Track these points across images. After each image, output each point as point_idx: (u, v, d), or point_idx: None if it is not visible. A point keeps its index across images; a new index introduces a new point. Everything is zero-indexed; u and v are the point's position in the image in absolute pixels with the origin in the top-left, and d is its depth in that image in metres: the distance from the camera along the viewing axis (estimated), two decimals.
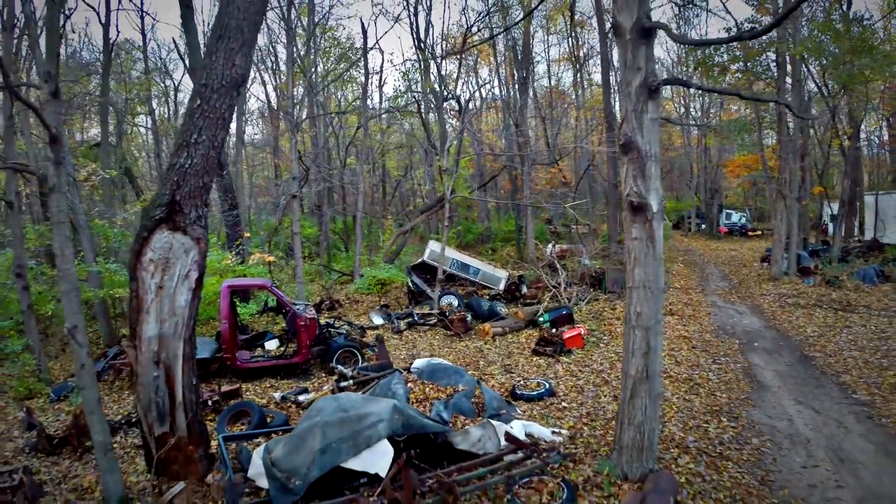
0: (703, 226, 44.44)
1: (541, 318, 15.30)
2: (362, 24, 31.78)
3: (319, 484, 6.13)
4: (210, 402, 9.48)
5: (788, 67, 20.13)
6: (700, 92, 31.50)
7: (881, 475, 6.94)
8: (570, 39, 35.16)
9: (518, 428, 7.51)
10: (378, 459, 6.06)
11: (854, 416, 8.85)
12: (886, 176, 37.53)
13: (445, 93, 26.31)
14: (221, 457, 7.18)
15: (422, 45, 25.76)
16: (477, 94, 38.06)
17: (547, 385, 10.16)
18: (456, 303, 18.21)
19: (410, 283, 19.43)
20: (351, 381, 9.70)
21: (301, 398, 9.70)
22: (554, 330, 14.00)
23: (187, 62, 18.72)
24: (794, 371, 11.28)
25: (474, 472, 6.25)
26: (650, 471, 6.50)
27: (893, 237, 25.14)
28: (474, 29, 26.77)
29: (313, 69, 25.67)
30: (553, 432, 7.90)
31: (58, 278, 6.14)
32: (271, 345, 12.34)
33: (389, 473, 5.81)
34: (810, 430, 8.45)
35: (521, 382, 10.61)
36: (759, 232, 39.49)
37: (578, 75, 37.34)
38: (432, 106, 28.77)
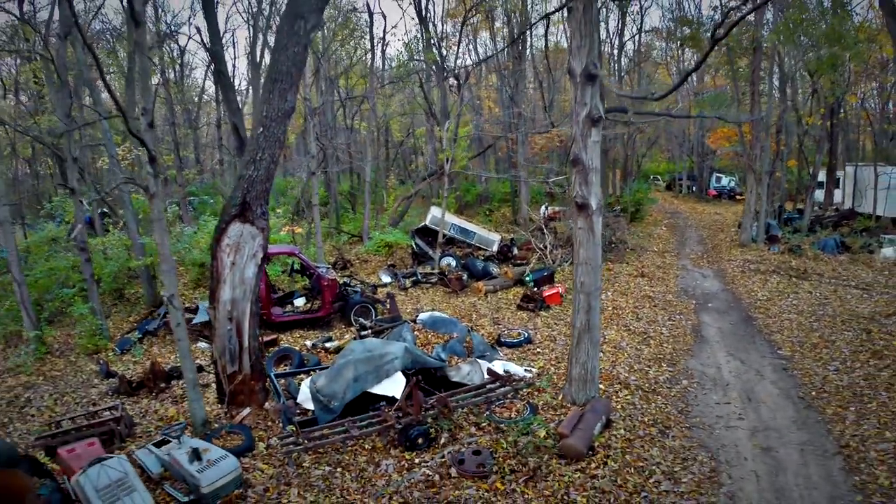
0: (694, 188, 45.43)
1: (526, 278, 17.06)
2: (369, 7, 32.68)
3: (351, 405, 8.39)
4: None
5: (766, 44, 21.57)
6: (692, 61, 32.70)
7: (776, 412, 8.71)
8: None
9: (498, 366, 9.83)
10: (394, 386, 8.37)
11: (772, 367, 10.57)
12: (873, 148, 38.67)
13: (445, 71, 27.66)
14: (274, 389, 9.49)
15: (425, 15, 27.13)
16: (476, 69, 39.06)
17: (526, 334, 12.32)
18: (454, 263, 19.81)
19: (414, 245, 20.98)
20: (369, 331, 11.94)
21: (328, 345, 12.00)
22: (536, 288, 15.81)
23: (208, 44, 20.02)
24: (736, 329, 13.02)
25: (463, 395, 8.56)
26: (592, 397, 8.78)
27: (868, 207, 26.21)
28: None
29: (321, 44, 27.05)
30: (525, 370, 10.21)
31: (159, 261, 8.14)
32: (299, 302, 14.36)
33: (402, 395, 8.10)
34: (732, 376, 10.28)
35: (506, 332, 12.79)
36: None
37: None
38: (433, 77, 30.05)
